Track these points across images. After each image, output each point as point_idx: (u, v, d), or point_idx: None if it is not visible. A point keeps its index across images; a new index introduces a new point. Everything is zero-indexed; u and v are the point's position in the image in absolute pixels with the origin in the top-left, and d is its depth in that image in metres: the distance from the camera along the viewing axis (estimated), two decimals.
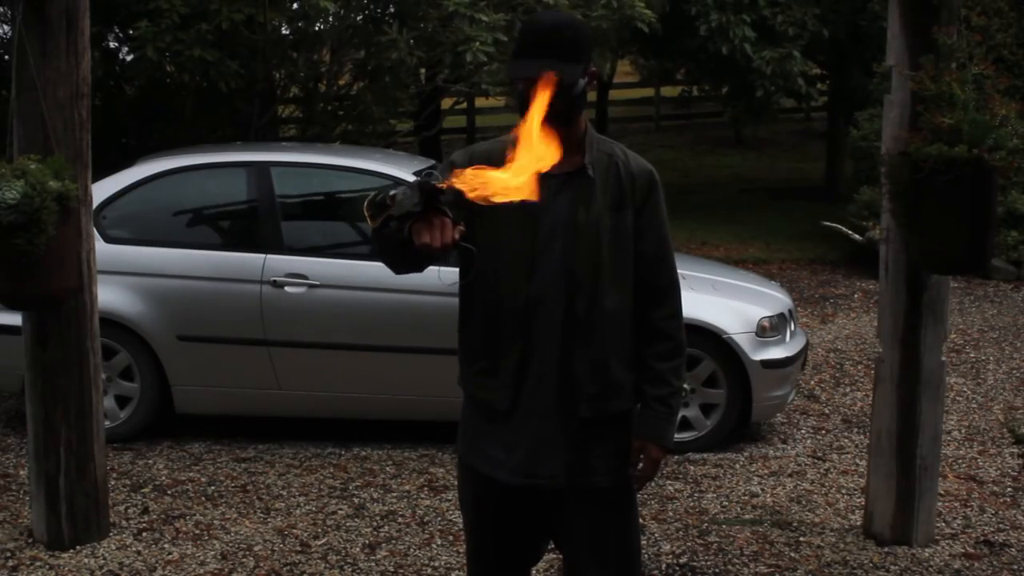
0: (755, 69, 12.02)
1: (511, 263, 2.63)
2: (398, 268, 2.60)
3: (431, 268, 2.67)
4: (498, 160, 2.56)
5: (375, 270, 5.42)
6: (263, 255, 5.67)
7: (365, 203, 2.48)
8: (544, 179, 2.41)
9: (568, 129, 2.59)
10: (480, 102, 18.34)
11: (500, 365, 2.68)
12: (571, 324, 2.64)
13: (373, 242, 2.59)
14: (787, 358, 5.77)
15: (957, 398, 6.73)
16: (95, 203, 4.96)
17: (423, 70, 9.50)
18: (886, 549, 4.47)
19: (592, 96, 19.98)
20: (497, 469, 2.72)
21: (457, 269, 2.73)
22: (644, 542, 4.54)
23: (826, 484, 5.30)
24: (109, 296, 5.38)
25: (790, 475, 5.42)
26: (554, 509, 2.77)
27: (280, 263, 5.65)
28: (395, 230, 2.38)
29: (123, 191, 5.86)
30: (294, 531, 4.65)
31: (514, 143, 2.48)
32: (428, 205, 2.33)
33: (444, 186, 2.33)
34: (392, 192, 2.44)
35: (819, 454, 5.76)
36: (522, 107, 2.52)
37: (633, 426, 2.79)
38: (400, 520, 4.79)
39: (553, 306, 2.63)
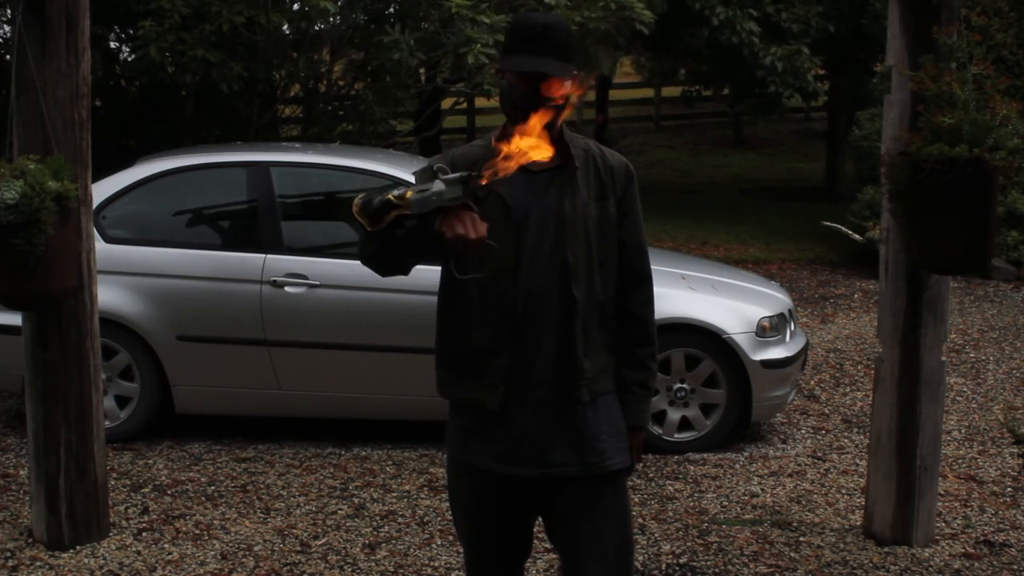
0: (765, 66, 12.04)
1: (504, 259, 2.66)
2: (390, 270, 2.66)
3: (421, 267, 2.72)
4: (480, 163, 2.61)
5: None
6: (263, 255, 5.67)
7: (356, 208, 2.49)
8: (532, 176, 2.55)
9: (552, 129, 2.68)
10: (480, 102, 18.34)
11: (496, 363, 2.70)
12: (569, 312, 2.69)
13: (368, 243, 2.59)
14: (787, 358, 5.77)
15: (957, 398, 6.73)
16: (95, 203, 4.97)
17: (423, 70, 9.50)
18: (886, 549, 4.46)
19: (592, 96, 20.09)
20: (501, 463, 2.73)
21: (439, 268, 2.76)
22: (644, 542, 4.54)
23: (826, 484, 5.30)
24: (109, 296, 5.39)
25: (790, 475, 5.42)
26: (555, 498, 2.77)
27: (280, 263, 5.65)
28: (411, 228, 2.44)
29: (123, 191, 5.86)
30: (294, 531, 4.65)
31: (494, 144, 2.61)
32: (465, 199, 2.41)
33: (484, 181, 2.39)
34: (398, 192, 2.47)
35: (819, 454, 5.75)
36: (513, 100, 2.62)
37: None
38: (400, 520, 4.79)
39: (550, 296, 2.68)
